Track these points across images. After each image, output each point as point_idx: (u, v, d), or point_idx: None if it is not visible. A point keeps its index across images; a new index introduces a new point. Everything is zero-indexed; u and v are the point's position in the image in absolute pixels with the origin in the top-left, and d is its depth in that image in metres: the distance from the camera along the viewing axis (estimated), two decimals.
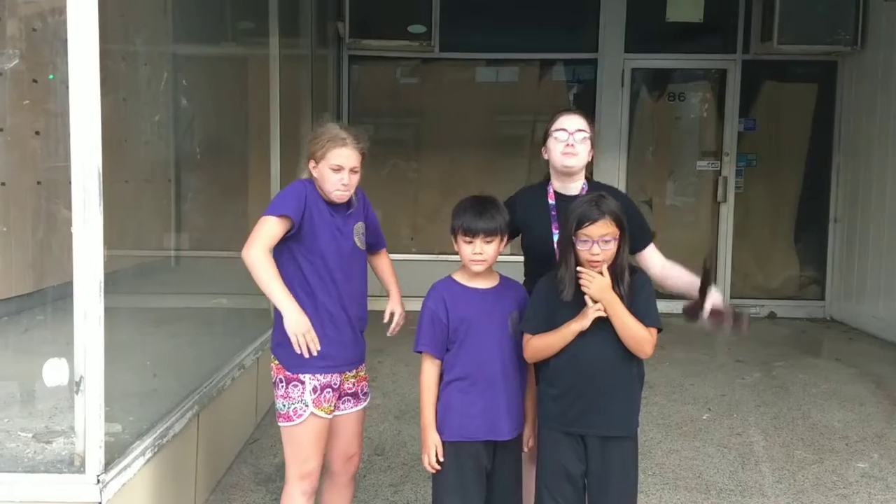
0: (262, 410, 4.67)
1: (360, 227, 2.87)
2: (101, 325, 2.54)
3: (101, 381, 2.56)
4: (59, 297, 3.00)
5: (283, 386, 2.76)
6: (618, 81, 7.98)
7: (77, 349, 2.54)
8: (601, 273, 2.51)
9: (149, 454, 2.94)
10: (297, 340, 2.61)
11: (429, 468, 2.68)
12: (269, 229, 2.65)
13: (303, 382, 2.73)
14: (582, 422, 2.58)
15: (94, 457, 2.56)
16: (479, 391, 2.64)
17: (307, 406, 2.73)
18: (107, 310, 2.59)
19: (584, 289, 2.51)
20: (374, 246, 3.02)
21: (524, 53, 8.17)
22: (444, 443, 2.65)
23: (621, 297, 2.52)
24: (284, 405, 2.75)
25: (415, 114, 8.56)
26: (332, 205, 2.78)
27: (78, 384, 2.53)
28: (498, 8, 7.98)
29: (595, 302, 2.50)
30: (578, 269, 2.52)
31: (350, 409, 2.89)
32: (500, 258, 2.74)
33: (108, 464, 2.63)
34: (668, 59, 8.12)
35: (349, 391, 2.87)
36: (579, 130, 2.92)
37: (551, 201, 2.98)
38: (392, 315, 2.96)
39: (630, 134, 8.10)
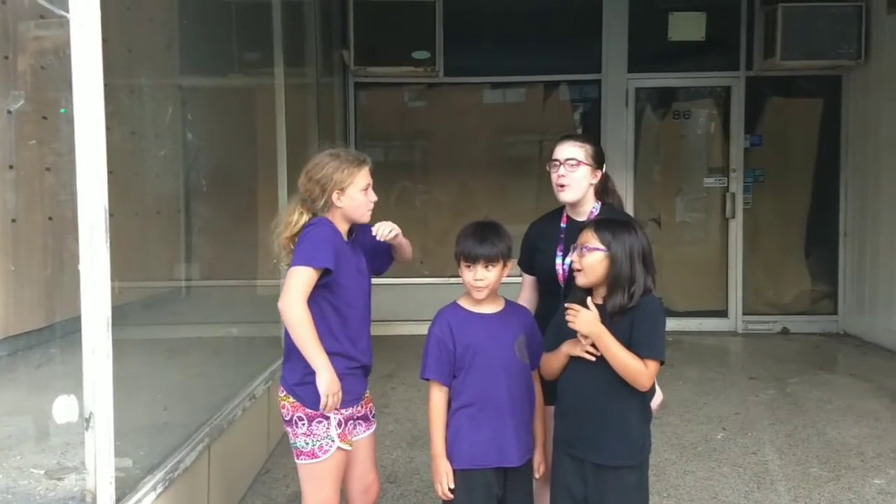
0: (274, 441, 4.66)
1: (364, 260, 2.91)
2: (109, 362, 2.55)
3: (111, 417, 2.57)
4: (70, 331, 3.02)
5: (304, 424, 2.72)
6: (622, 101, 8.00)
7: (86, 386, 2.54)
8: (587, 306, 2.48)
9: (160, 489, 2.94)
10: (327, 401, 2.62)
11: (442, 497, 2.68)
12: (306, 282, 2.63)
13: (327, 418, 2.71)
14: (578, 446, 2.57)
15: (105, 493, 2.56)
16: (487, 417, 2.63)
17: (333, 441, 2.72)
18: (117, 342, 2.60)
19: (570, 325, 2.48)
20: (384, 263, 3.03)
21: (528, 76, 8.22)
22: (454, 471, 2.64)
23: (612, 315, 2.49)
24: (308, 443, 2.72)
25: (422, 138, 8.60)
26: (346, 241, 2.81)
27: (87, 421, 2.54)
28: (501, 31, 8.03)
29: (586, 336, 2.49)
30: (566, 304, 2.51)
31: (364, 433, 2.91)
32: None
33: (119, 499, 2.63)
34: (672, 78, 8.14)
35: (360, 415, 2.89)
36: (569, 160, 2.92)
37: (563, 224, 3.01)
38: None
39: (636, 152, 8.11)
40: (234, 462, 3.96)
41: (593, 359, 2.49)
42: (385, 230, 2.83)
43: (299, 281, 2.62)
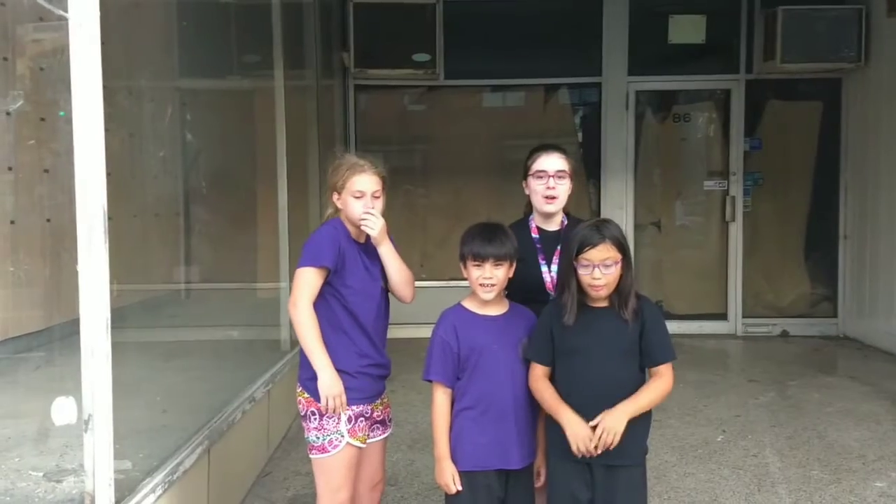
0: (274, 443, 4.65)
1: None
2: (108, 363, 2.53)
3: (110, 418, 2.55)
4: (69, 333, 3.01)
5: (316, 418, 2.78)
6: (622, 104, 8.00)
7: (85, 387, 2.53)
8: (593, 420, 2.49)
9: (159, 491, 2.92)
10: (328, 402, 2.68)
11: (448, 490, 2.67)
12: (311, 282, 2.71)
13: (338, 413, 2.76)
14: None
15: (104, 495, 2.54)
16: (490, 419, 2.63)
17: (343, 436, 2.77)
18: (116, 345, 2.59)
19: (611, 447, 2.46)
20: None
21: (528, 79, 8.20)
22: (458, 472, 2.64)
23: (626, 322, 2.51)
24: (319, 437, 2.78)
25: (422, 141, 8.60)
26: (359, 243, 2.83)
27: (86, 423, 2.53)
28: (501, 35, 8.03)
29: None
30: (595, 429, 2.48)
31: (379, 437, 2.95)
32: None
33: (118, 502, 2.61)
34: (672, 81, 8.15)
35: (378, 419, 2.93)
36: (558, 172, 2.92)
37: (535, 235, 3.01)
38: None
39: (636, 156, 8.10)
40: (234, 464, 3.94)
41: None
42: (368, 220, 2.77)
43: (302, 281, 2.71)
